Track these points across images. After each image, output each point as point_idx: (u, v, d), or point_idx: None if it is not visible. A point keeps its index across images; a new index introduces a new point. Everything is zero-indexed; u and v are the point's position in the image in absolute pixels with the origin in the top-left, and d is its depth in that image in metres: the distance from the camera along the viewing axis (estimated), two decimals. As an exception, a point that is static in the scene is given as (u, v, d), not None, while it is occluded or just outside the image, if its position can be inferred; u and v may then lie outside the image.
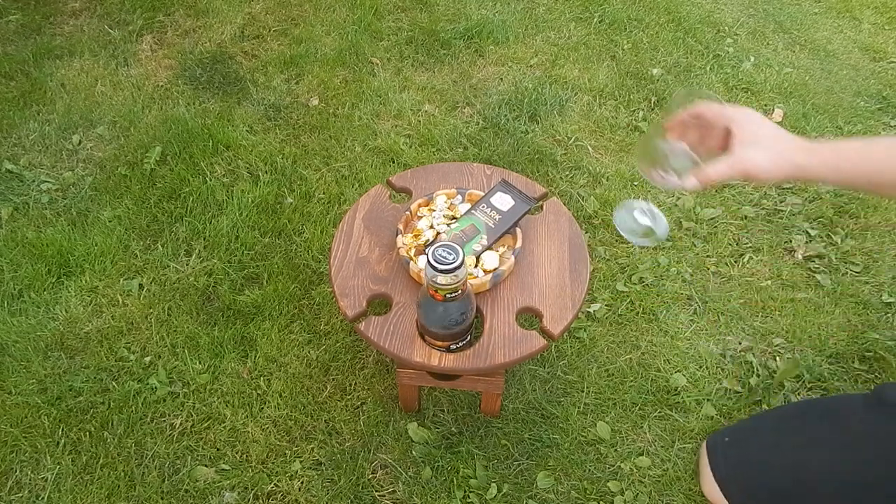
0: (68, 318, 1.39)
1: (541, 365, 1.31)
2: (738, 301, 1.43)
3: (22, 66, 2.00)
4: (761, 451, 1.03)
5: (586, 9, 2.28)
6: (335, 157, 1.74)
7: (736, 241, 1.56)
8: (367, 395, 1.26)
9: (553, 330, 0.97)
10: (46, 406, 1.24)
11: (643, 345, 1.35)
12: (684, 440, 1.21)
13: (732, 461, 1.06)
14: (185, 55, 2.06)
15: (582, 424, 1.23)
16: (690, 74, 2.03)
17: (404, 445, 1.19)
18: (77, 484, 1.15)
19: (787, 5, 2.37)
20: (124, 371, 1.30)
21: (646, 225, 0.91)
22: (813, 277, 1.48)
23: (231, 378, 1.29)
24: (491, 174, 1.19)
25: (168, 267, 1.48)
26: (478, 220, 1.05)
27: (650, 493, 1.14)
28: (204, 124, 1.82)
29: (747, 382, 1.29)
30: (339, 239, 1.09)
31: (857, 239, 1.56)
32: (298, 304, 1.41)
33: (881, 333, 1.36)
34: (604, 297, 1.43)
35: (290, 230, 1.56)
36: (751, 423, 1.14)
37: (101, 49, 2.07)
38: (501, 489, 1.14)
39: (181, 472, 1.16)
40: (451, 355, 0.94)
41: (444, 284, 0.83)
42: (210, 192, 1.64)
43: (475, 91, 1.95)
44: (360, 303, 1.00)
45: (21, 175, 1.69)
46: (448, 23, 2.19)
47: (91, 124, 1.84)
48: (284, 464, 1.18)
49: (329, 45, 2.11)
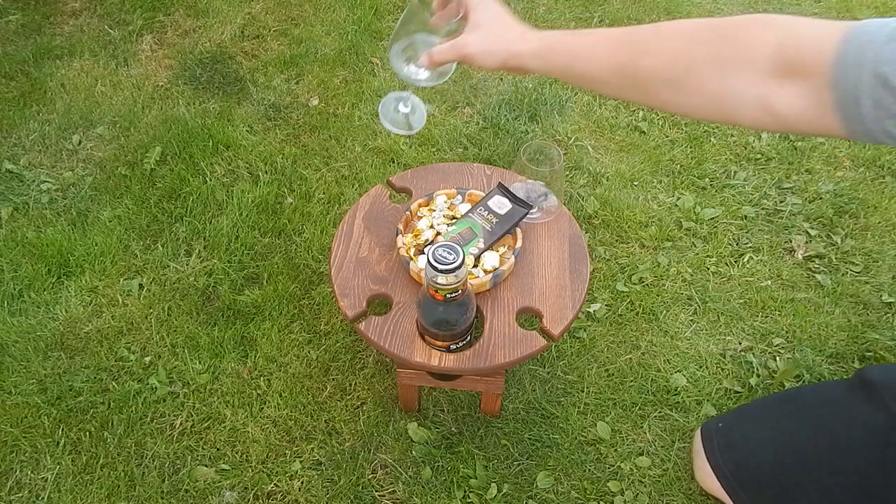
0: (68, 318, 1.39)
1: (541, 365, 1.31)
2: (738, 301, 1.43)
3: (22, 66, 2.00)
4: (755, 435, 1.04)
5: (586, 9, 2.28)
6: (335, 157, 1.74)
7: (736, 241, 1.56)
8: (367, 395, 1.26)
9: (553, 330, 0.97)
10: (46, 406, 1.24)
11: (643, 345, 1.35)
12: (684, 440, 1.21)
13: (726, 446, 1.07)
14: (185, 55, 2.06)
15: (582, 424, 1.23)
16: (690, 74, 2.03)
17: (404, 445, 1.19)
18: (77, 484, 1.15)
19: (787, 5, 2.37)
20: (124, 371, 1.30)
21: (405, 114, 0.91)
22: (813, 277, 1.48)
23: (231, 378, 1.29)
24: (491, 174, 1.19)
25: (168, 267, 1.48)
26: (475, 223, 1.05)
27: (650, 493, 1.14)
28: (204, 124, 1.82)
29: (747, 382, 1.29)
30: (339, 239, 1.09)
31: (857, 239, 1.56)
32: (298, 304, 1.41)
33: (881, 333, 1.36)
34: (604, 297, 1.43)
35: (290, 230, 1.56)
36: (744, 409, 1.15)
37: (101, 49, 2.07)
38: (501, 489, 1.14)
39: (181, 472, 1.16)
40: (451, 355, 0.94)
41: (444, 284, 0.83)
42: (210, 192, 1.64)
43: (475, 91, 1.95)
44: (360, 303, 1.00)
45: (21, 175, 1.69)
46: (448, 23, 2.19)
47: (91, 124, 1.84)
48: (284, 464, 1.18)
49: (329, 45, 2.11)
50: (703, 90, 0.61)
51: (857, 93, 0.50)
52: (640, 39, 0.66)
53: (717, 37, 0.60)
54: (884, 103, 0.49)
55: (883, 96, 0.49)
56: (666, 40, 0.64)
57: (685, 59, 0.62)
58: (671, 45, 0.63)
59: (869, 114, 0.50)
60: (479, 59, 0.74)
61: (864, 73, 0.49)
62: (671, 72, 0.63)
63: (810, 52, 0.54)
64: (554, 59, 0.71)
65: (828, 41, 0.52)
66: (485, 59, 0.74)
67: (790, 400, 1.08)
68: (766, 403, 1.12)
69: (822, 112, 0.53)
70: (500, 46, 0.73)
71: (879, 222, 1.60)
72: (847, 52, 0.51)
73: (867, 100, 0.50)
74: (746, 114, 0.59)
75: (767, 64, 0.57)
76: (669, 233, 1.56)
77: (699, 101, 0.63)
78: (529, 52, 0.72)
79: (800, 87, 0.55)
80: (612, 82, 0.68)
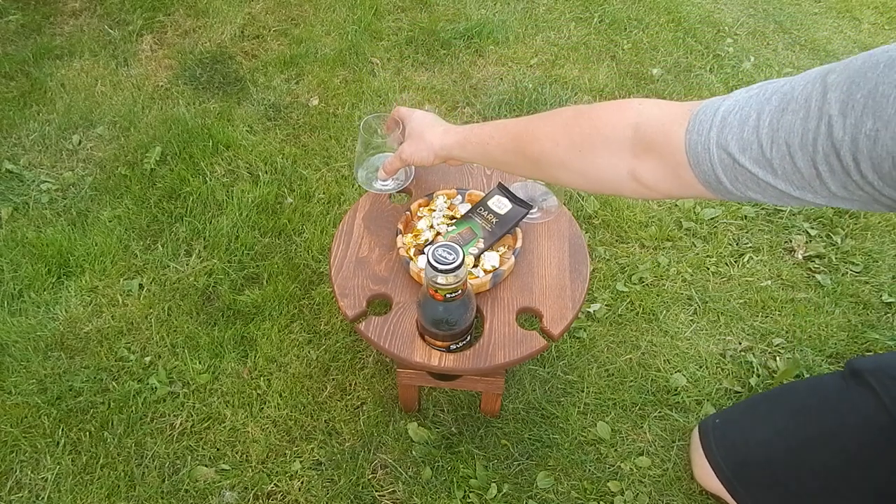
0: (68, 318, 1.39)
1: (541, 365, 1.31)
2: (738, 301, 1.43)
3: (22, 66, 2.00)
4: (751, 430, 1.05)
5: (586, 9, 2.28)
6: (335, 157, 1.74)
7: (736, 241, 1.56)
8: (367, 395, 1.26)
9: (553, 330, 0.97)
10: (46, 406, 1.24)
11: (643, 345, 1.35)
12: (684, 440, 1.21)
13: (722, 441, 1.08)
14: (185, 55, 2.06)
15: (582, 424, 1.23)
16: (690, 74, 2.03)
17: (404, 445, 1.19)
18: (77, 484, 1.15)
19: (787, 5, 2.37)
20: (124, 371, 1.30)
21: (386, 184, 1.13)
22: (813, 277, 1.48)
23: (231, 378, 1.29)
24: (491, 174, 1.19)
25: (168, 267, 1.48)
26: (475, 223, 1.05)
27: (650, 493, 1.14)
28: (204, 124, 1.82)
29: (747, 382, 1.29)
30: (339, 239, 1.09)
31: (857, 239, 1.56)
32: (298, 304, 1.41)
33: (881, 333, 1.36)
34: (604, 297, 1.43)
35: (290, 230, 1.56)
36: (741, 405, 1.16)
37: (101, 49, 2.07)
38: (501, 489, 1.14)
39: (181, 472, 1.16)
40: (451, 355, 0.94)
41: (444, 284, 0.83)
42: (210, 192, 1.64)
43: (475, 91, 1.95)
44: (360, 303, 1.00)
45: (21, 175, 1.69)
46: (448, 23, 2.19)
47: (91, 124, 1.84)
48: (284, 464, 1.18)
49: (329, 45, 2.11)
50: (583, 168, 0.72)
51: (714, 172, 0.58)
52: (529, 128, 0.78)
53: (585, 122, 0.71)
54: (739, 178, 0.57)
55: (737, 173, 0.56)
56: (546, 127, 0.75)
57: (564, 142, 0.72)
58: (550, 131, 0.74)
59: (731, 186, 0.58)
60: (416, 159, 0.95)
61: (714, 155, 0.57)
62: (555, 154, 0.74)
63: (660, 135, 0.62)
64: (471, 148, 0.87)
65: (673, 125, 0.61)
66: (419, 159, 0.95)
67: (785, 394, 1.09)
68: (761, 399, 1.13)
69: (688, 183, 0.61)
70: (424, 147, 0.93)
71: (879, 222, 1.60)
72: (692, 139, 0.59)
73: (724, 176, 0.57)
74: (624, 186, 0.69)
75: (629, 144, 0.66)
76: (669, 233, 1.56)
77: (583, 178, 0.73)
78: (453, 144, 0.90)
79: (660, 164, 0.63)
80: (517, 164, 0.81)
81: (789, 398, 1.06)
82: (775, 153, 0.53)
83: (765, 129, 0.53)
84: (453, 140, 0.90)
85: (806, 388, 1.07)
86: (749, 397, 1.23)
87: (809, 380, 1.22)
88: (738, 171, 0.56)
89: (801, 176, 0.52)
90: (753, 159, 0.55)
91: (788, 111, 0.52)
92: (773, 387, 1.27)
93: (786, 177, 0.53)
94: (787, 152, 0.52)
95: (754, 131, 0.54)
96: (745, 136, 0.55)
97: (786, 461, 0.98)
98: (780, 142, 0.52)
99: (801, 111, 0.51)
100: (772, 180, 0.54)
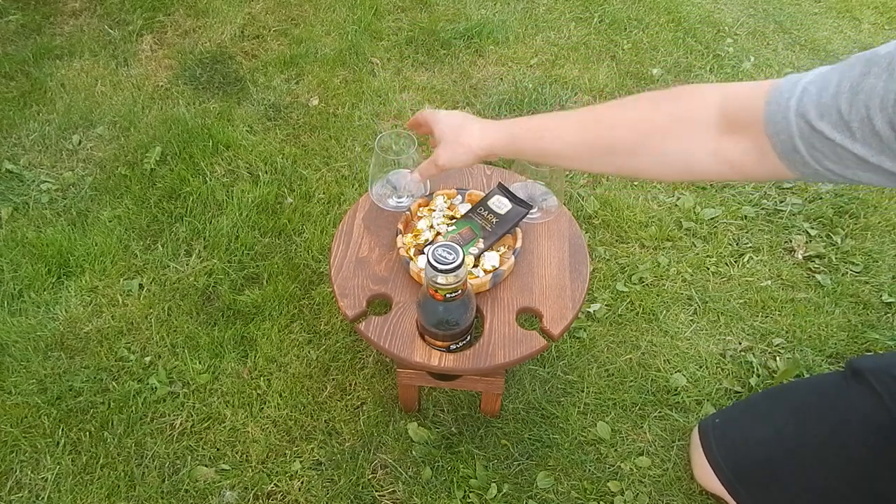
0: (68, 318, 1.39)
1: (541, 365, 1.31)
2: (738, 301, 1.43)
3: (22, 66, 2.00)
4: (752, 430, 1.05)
5: (586, 9, 2.28)
6: (335, 157, 1.74)
7: (736, 241, 1.56)
8: (367, 395, 1.26)
9: (553, 330, 0.97)
10: (46, 406, 1.24)
11: (643, 345, 1.35)
12: (684, 440, 1.21)
13: (722, 441, 1.07)
14: (185, 55, 2.06)
15: (582, 424, 1.23)
16: (690, 74, 2.03)
17: (404, 445, 1.19)
18: (77, 484, 1.15)
19: (787, 5, 2.37)
20: (124, 371, 1.30)
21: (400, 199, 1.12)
22: (813, 277, 1.48)
23: (231, 378, 1.29)
24: (491, 174, 1.19)
25: (168, 267, 1.48)
26: (475, 223, 1.05)
27: (650, 493, 1.14)
28: (204, 124, 1.82)
29: (747, 382, 1.29)
30: (339, 239, 1.09)
31: (857, 239, 1.56)
32: (298, 304, 1.41)
33: (881, 333, 1.36)
34: (604, 297, 1.43)
35: (290, 230, 1.56)
36: (740, 404, 1.16)
37: (101, 49, 2.07)
38: (501, 489, 1.14)
39: (181, 472, 1.16)
40: (451, 355, 0.94)
41: (444, 284, 0.83)
42: (210, 192, 1.64)
43: (475, 91, 1.95)
44: (360, 303, 1.00)
45: (21, 175, 1.69)
46: (448, 23, 2.19)
47: (91, 124, 1.84)
48: (284, 464, 1.18)
49: (329, 45, 2.11)
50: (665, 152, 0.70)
51: (792, 141, 0.58)
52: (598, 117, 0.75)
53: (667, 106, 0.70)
54: (817, 146, 0.56)
55: (814, 140, 0.56)
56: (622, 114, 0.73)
57: (646, 127, 0.71)
58: (629, 117, 0.72)
59: (808, 156, 0.57)
60: (455, 164, 0.91)
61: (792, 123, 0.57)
62: (636, 140, 0.71)
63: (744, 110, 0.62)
64: (522, 143, 0.83)
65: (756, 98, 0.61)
66: (459, 163, 0.91)
67: (785, 393, 1.09)
68: (762, 398, 1.13)
69: (769, 158, 0.61)
70: (462, 150, 0.89)
71: (879, 222, 1.60)
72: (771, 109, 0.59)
73: (802, 144, 0.57)
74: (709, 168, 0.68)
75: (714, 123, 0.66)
76: (669, 233, 1.56)
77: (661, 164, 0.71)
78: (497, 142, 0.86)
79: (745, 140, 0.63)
80: (583, 156, 0.77)
81: (789, 397, 1.06)
82: (854, 115, 0.53)
83: (844, 94, 0.53)
84: (496, 138, 0.86)
85: (806, 386, 1.07)
86: (749, 396, 1.23)
87: (810, 378, 1.22)
88: (816, 137, 0.55)
89: (880, 139, 0.52)
90: (832, 124, 0.54)
91: (871, 74, 0.52)
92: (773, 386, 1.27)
93: (864, 140, 0.53)
94: (867, 115, 0.52)
95: (834, 97, 0.54)
96: (823, 101, 0.55)
97: (786, 460, 0.98)
98: (859, 105, 0.53)
99: (884, 73, 0.51)
100: (850, 145, 0.54)
